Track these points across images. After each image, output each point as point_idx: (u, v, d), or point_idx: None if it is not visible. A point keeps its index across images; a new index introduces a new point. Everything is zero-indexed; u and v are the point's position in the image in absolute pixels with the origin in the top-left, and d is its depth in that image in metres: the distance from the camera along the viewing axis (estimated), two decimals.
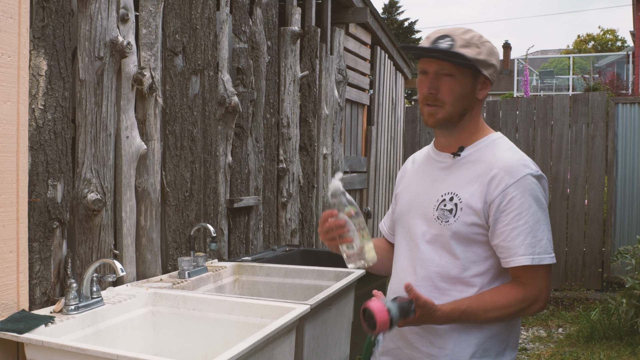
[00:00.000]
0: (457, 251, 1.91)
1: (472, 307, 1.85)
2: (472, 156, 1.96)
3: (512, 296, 1.85)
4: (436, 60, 1.91)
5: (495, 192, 1.86)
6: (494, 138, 1.99)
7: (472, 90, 1.94)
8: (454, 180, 1.95)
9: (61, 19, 2.43)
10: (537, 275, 1.86)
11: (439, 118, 1.94)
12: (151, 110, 3.04)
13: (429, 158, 2.09)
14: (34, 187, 2.33)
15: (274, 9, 4.46)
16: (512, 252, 1.85)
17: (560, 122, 7.51)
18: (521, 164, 1.89)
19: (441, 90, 1.91)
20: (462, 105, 1.94)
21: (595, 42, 40.26)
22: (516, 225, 1.84)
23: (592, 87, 16.21)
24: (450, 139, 2.00)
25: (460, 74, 1.90)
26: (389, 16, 35.61)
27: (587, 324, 5.94)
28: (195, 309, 2.55)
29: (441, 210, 1.93)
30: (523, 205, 1.85)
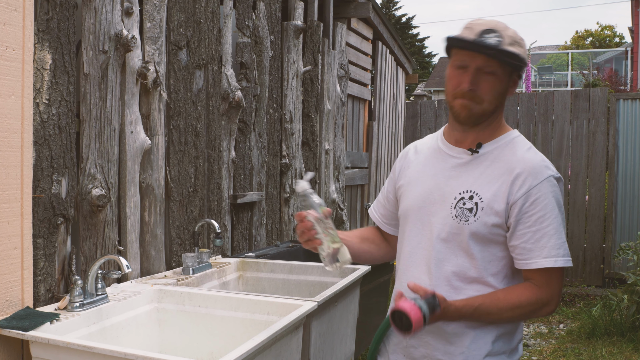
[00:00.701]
0: (475, 251, 1.87)
1: (485, 305, 1.83)
2: (492, 154, 1.91)
3: (526, 297, 1.84)
4: (482, 56, 1.84)
5: (519, 193, 1.83)
6: (513, 136, 1.95)
7: (506, 87, 1.90)
8: (473, 178, 1.90)
9: (66, 12, 2.40)
10: (552, 279, 1.85)
11: (474, 113, 1.88)
12: (155, 105, 3.01)
13: (439, 151, 2.02)
14: (38, 182, 2.30)
15: (277, 3, 4.42)
16: (535, 254, 1.83)
17: (561, 117, 7.49)
18: (544, 166, 1.87)
19: (481, 87, 1.86)
20: (497, 103, 1.90)
21: (594, 38, 40.24)
22: (539, 228, 1.82)
23: (591, 83, 16.20)
24: (469, 133, 1.94)
25: (502, 72, 1.86)
26: (387, 11, 35.57)
27: (589, 320, 5.93)
28: (201, 306, 2.52)
29: (460, 208, 1.88)
30: (547, 208, 1.83)
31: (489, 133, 1.95)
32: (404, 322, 1.69)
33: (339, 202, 5.63)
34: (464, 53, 1.87)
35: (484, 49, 1.83)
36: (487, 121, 1.93)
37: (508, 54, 1.83)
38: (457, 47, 1.90)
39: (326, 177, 5.39)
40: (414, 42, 40.82)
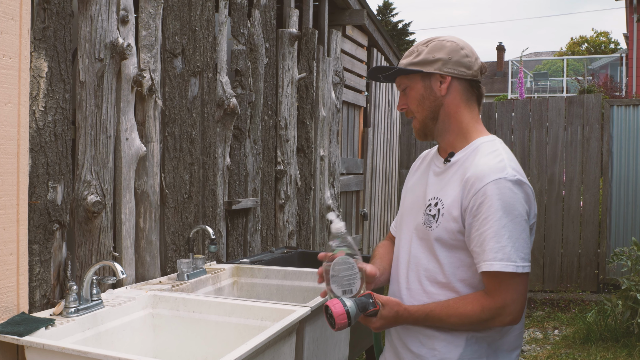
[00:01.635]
0: (441, 256, 1.91)
1: (436, 312, 1.87)
2: (460, 161, 1.95)
3: (471, 306, 1.83)
4: (397, 80, 2.04)
5: (468, 198, 1.85)
6: (480, 143, 1.96)
7: (429, 90, 1.96)
8: (441, 185, 1.96)
9: (62, 21, 2.43)
10: (501, 285, 1.80)
11: (417, 129, 2.03)
12: (150, 112, 3.04)
13: (431, 160, 2.10)
14: (34, 189, 2.32)
15: (272, 11, 4.46)
16: (480, 257, 1.82)
17: (555, 124, 7.53)
18: (495, 168, 1.84)
19: (408, 102, 2.01)
20: (428, 108, 1.98)
21: (589, 45, 40.37)
22: (483, 231, 1.81)
23: (586, 89, 16.26)
24: (443, 142, 2.03)
25: (411, 82, 1.99)
26: (383, 18, 35.65)
27: (583, 326, 5.96)
28: (195, 312, 2.54)
29: (427, 215, 1.95)
30: (490, 210, 1.80)
31: (458, 140, 1.99)
32: (331, 317, 1.78)
33: (334, 208, 5.65)
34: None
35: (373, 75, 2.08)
36: (440, 127, 2.00)
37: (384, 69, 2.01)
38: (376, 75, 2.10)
39: (321, 184, 5.42)
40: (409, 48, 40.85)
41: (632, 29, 18.36)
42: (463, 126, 1.98)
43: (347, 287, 1.86)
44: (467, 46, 1.98)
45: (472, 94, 1.99)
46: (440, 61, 1.93)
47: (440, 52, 1.93)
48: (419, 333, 1.95)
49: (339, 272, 1.85)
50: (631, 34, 18.47)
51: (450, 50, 1.94)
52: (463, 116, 1.98)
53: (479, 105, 2.02)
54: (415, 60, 1.96)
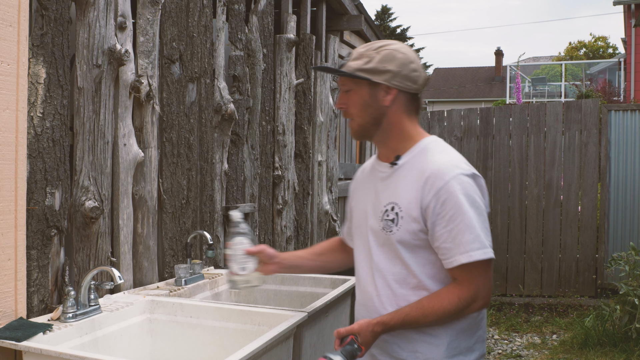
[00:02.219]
0: (406, 258, 1.96)
1: (411, 315, 1.91)
2: (408, 164, 1.99)
3: (448, 300, 1.89)
4: (340, 78, 2.05)
5: (429, 197, 1.90)
6: (426, 143, 2.02)
7: (374, 98, 1.99)
8: (393, 189, 1.99)
9: (60, 27, 2.44)
10: (473, 274, 1.89)
11: (355, 130, 2.06)
12: (148, 118, 3.05)
13: (373, 168, 2.15)
14: (32, 194, 2.33)
15: (270, 17, 4.48)
16: (453, 252, 1.88)
17: (553, 129, 7.54)
18: (451, 165, 1.92)
19: (348, 104, 2.03)
20: (370, 115, 2.01)
21: (587, 49, 40.48)
22: (453, 226, 1.87)
23: (584, 94, 16.29)
24: (385, 148, 2.07)
25: (356, 87, 2.01)
26: (382, 23, 35.72)
27: (581, 331, 5.96)
28: (193, 317, 2.55)
29: (385, 220, 1.98)
30: (456, 205, 1.87)
31: (402, 144, 2.03)
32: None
33: (332, 213, 5.66)
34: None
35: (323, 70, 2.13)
36: (382, 133, 2.04)
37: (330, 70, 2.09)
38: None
39: (319, 189, 5.43)
40: None
41: (630, 34, 18.40)
42: (406, 132, 2.04)
43: (242, 265, 2.26)
44: (416, 60, 2.03)
45: (413, 106, 2.05)
46: (389, 73, 1.97)
47: (390, 64, 1.97)
48: (397, 338, 1.98)
49: (236, 251, 2.27)
50: (629, 39, 18.51)
51: (400, 63, 1.98)
52: (405, 124, 2.04)
53: (417, 115, 2.09)
54: (366, 67, 1.98)
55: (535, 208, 7.52)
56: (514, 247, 7.57)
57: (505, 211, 7.62)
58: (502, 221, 7.62)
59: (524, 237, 7.55)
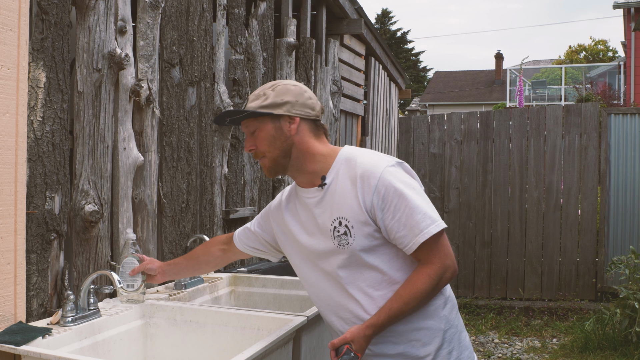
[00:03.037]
0: (371, 261, 2.03)
1: (395, 307, 1.97)
2: (336, 179, 2.06)
3: (421, 281, 1.97)
4: (243, 123, 2.13)
5: (369, 197, 1.98)
6: (345, 154, 2.10)
7: (280, 131, 2.07)
8: (332, 206, 2.05)
9: (60, 31, 2.45)
10: (433, 249, 1.98)
11: (268, 167, 2.12)
12: (148, 122, 3.05)
13: (299, 198, 2.19)
14: (31, 198, 2.33)
15: (270, 21, 4.48)
16: (409, 237, 1.96)
17: (553, 132, 7.55)
18: (376, 162, 2.02)
19: (257, 143, 2.10)
20: (279, 148, 2.08)
21: (587, 53, 40.51)
22: (400, 215, 1.96)
23: (584, 98, 16.30)
24: (304, 175, 2.13)
25: (261, 125, 2.09)
26: (382, 26, 35.76)
27: (582, 334, 5.96)
28: (192, 321, 2.55)
29: (338, 237, 2.03)
30: (396, 194, 1.96)
31: (321, 165, 2.10)
32: None
33: None
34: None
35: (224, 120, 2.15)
36: (297, 162, 2.11)
37: (235, 113, 2.09)
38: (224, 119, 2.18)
39: None
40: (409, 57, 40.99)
41: (629, 38, 18.43)
42: (319, 153, 2.12)
43: (131, 282, 2.52)
44: (309, 90, 2.15)
45: (319, 130, 2.14)
46: (288, 104, 2.07)
47: (287, 96, 2.07)
48: (385, 337, 2.04)
49: (126, 270, 2.53)
50: (629, 43, 18.53)
51: (295, 94, 2.08)
52: (315, 147, 2.12)
53: (327, 136, 2.18)
54: (264, 103, 2.06)
55: (535, 211, 7.53)
56: (514, 251, 7.57)
57: (505, 215, 7.62)
58: (502, 225, 7.62)
59: (524, 240, 7.55)
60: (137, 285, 2.56)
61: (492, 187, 7.66)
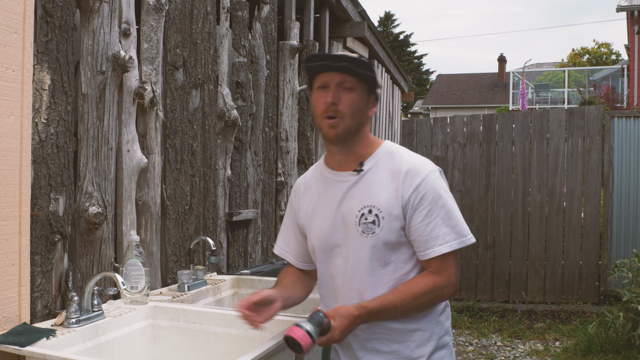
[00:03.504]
0: (388, 256, 2.01)
1: (389, 299, 1.96)
2: (375, 167, 2.05)
3: (423, 284, 1.97)
4: (339, 74, 2.00)
5: (408, 192, 1.98)
6: (387, 147, 2.11)
7: (367, 106, 2.06)
8: (365, 193, 2.02)
9: (64, 34, 2.46)
10: (446, 263, 1.99)
11: (340, 131, 2.01)
12: (152, 124, 3.06)
13: (326, 180, 2.14)
14: (36, 200, 2.34)
15: (273, 24, 4.49)
16: (431, 244, 1.97)
17: (556, 135, 7.54)
18: (424, 162, 2.04)
19: (342, 101, 2.00)
20: (359, 119, 2.04)
21: (590, 56, 40.48)
22: (430, 220, 1.97)
23: (588, 101, 16.29)
24: (348, 155, 2.08)
25: (359, 89, 2.02)
26: (385, 29, 35.77)
27: (585, 338, 5.95)
28: (196, 323, 2.56)
29: (364, 224, 2.00)
30: (433, 200, 1.98)
31: (365, 150, 2.09)
32: (296, 346, 1.85)
33: None
34: (324, 75, 2.03)
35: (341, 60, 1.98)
36: (356, 139, 2.07)
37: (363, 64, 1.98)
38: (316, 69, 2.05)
39: None
40: (411, 60, 40.99)
41: (633, 41, 18.41)
42: (368, 139, 2.11)
43: (134, 284, 2.56)
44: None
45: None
46: (380, 89, 2.13)
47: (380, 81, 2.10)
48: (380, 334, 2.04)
49: (130, 271, 2.56)
50: (632, 46, 18.52)
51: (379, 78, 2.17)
52: (369, 133, 2.13)
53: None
54: (375, 73, 2.05)
55: (538, 215, 7.52)
56: (516, 254, 7.56)
57: (508, 218, 7.62)
58: (505, 228, 7.61)
59: (527, 243, 7.54)
60: (141, 287, 2.57)
61: (494, 190, 7.65)
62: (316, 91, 2.05)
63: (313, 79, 2.08)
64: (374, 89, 2.06)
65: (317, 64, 2.04)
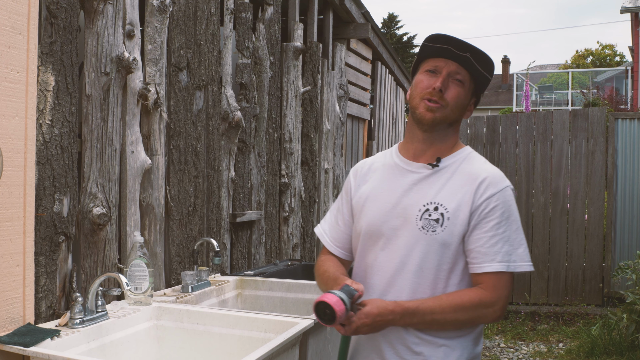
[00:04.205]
0: (441, 260, 1.92)
1: (428, 303, 1.86)
2: (451, 167, 1.99)
3: (468, 297, 1.88)
4: (455, 64, 1.95)
5: (481, 200, 1.91)
6: (468, 151, 2.05)
7: (466, 102, 2.01)
8: (436, 190, 1.95)
9: (69, 35, 2.46)
10: (499, 283, 1.89)
11: (437, 116, 1.95)
12: (156, 125, 3.07)
13: (396, 167, 2.06)
14: (40, 201, 2.34)
15: (277, 25, 4.50)
16: (489, 258, 1.88)
17: (560, 137, 7.53)
18: (502, 176, 1.97)
19: (449, 92, 1.95)
20: (457, 114, 1.99)
21: (594, 57, 40.40)
22: (496, 233, 1.89)
23: (591, 102, 16.26)
24: (429, 147, 2.01)
25: (468, 85, 1.98)
26: (388, 31, 35.75)
27: (588, 339, 5.93)
28: (199, 323, 2.56)
29: (426, 220, 1.92)
30: (504, 215, 1.91)
31: (447, 148, 2.02)
32: (327, 312, 1.74)
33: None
34: (439, 60, 1.96)
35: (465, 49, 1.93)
36: (446, 133, 2.01)
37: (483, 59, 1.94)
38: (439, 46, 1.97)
39: (325, 196, 5.43)
40: None
41: (637, 42, 18.38)
42: (454, 138, 2.05)
43: (138, 285, 2.58)
44: None
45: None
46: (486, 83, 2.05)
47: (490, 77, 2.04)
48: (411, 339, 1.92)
49: (134, 272, 2.58)
50: (636, 47, 18.48)
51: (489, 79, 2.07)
52: (456, 137, 2.07)
53: None
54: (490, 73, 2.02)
55: (541, 216, 7.50)
56: None
57: None
58: None
59: (531, 245, 7.52)
60: (145, 287, 2.58)
61: None
62: (423, 73, 1.98)
63: (423, 60, 2.02)
64: (480, 91, 2.03)
65: (439, 46, 1.96)
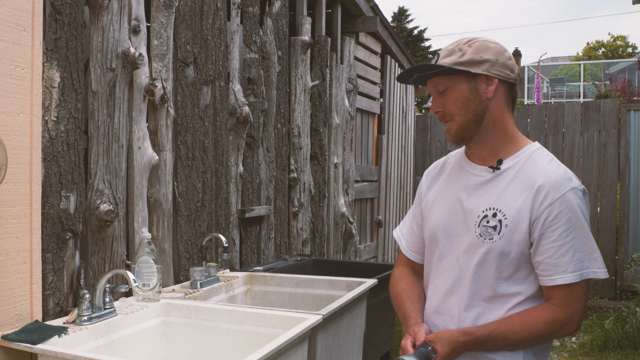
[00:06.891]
0: (499, 269, 1.83)
1: (500, 329, 1.79)
2: (513, 169, 1.88)
3: (542, 318, 1.79)
4: (431, 81, 1.91)
5: (542, 207, 1.79)
6: (533, 149, 1.91)
7: (475, 92, 1.87)
8: (496, 195, 1.86)
9: (74, 31, 2.45)
10: (573, 296, 1.79)
11: (454, 132, 1.90)
12: (163, 121, 3.06)
13: (461, 169, 1.99)
14: (47, 198, 2.34)
15: (285, 19, 4.47)
16: (560, 269, 1.78)
17: (571, 129, 7.48)
18: (566, 178, 1.82)
19: (445, 105, 1.89)
20: (472, 111, 1.87)
21: (606, 49, 40.09)
22: (564, 242, 1.77)
23: (603, 94, 16.14)
24: (482, 149, 1.93)
25: (453, 83, 1.87)
26: (398, 24, 35.65)
27: (601, 333, 5.90)
28: (208, 320, 2.55)
29: (484, 227, 1.84)
30: (570, 221, 1.78)
31: (504, 146, 1.91)
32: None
33: (349, 215, 5.65)
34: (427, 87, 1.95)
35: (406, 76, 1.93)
36: (484, 132, 1.90)
37: (429, 67, 1.87)
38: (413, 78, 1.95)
39: (335, 191, 5.41)
40: (425, 55, 40.86)
41: None
42: (509, 132, 1.92)
43: (146, 281, 2.57)
44: (508, 49, 1.93)
45: (512, 99, 1.94)
46: (488, 62, 1.85)
47: (486, 53, 1.86)
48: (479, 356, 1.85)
49: (142, 269, 2.57)
50: None
51: (496, 52, 1.87)
52: (507, 121, 1.92)
53: (514, 113, 1.98)
54: (461, 60, 1.85)
55: None
56: None
57: None
58: None
59: None
60: (153, 284, 2.57)
61: None
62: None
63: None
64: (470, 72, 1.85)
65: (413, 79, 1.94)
